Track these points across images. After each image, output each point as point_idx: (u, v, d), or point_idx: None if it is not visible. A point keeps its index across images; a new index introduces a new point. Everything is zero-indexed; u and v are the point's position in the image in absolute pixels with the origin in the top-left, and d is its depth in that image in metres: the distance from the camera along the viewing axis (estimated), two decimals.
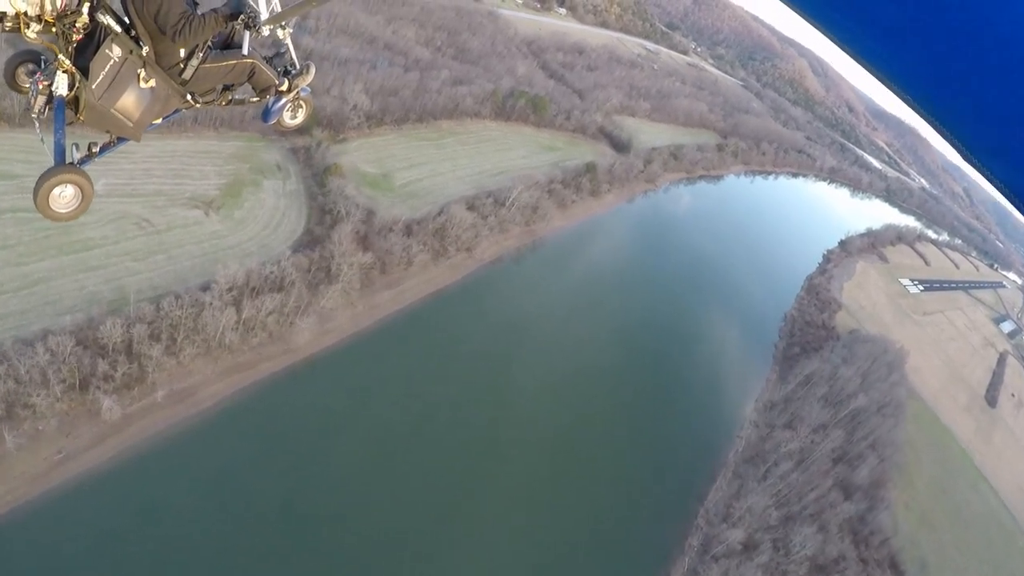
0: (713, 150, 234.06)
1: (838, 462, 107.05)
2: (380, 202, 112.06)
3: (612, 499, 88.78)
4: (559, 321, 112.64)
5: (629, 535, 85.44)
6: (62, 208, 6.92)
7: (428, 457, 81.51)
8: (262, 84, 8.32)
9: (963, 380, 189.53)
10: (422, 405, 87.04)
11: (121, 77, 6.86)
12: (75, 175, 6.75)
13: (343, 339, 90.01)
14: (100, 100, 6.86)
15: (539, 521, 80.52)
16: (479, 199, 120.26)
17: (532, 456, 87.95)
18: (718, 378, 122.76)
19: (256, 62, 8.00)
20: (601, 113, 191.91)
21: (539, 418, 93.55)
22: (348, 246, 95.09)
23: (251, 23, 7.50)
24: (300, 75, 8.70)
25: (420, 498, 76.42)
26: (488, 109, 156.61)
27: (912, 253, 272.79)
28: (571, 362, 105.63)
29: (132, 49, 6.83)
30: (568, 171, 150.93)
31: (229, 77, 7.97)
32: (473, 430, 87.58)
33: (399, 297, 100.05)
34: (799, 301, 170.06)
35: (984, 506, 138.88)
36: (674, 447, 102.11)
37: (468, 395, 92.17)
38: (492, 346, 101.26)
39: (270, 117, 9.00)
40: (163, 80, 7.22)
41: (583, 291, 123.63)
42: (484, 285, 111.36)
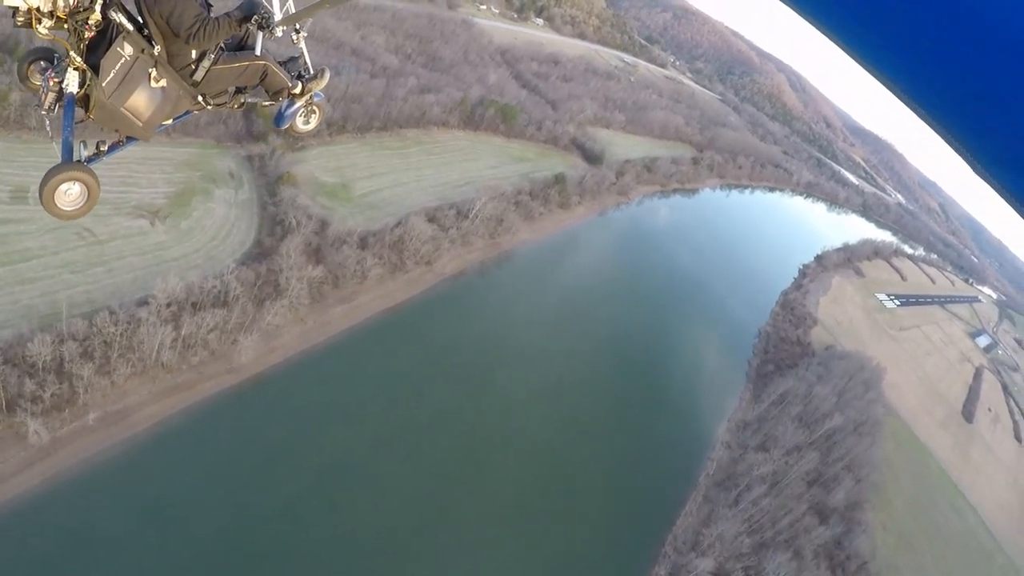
0: (688, 163, 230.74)
1: (813, 484, 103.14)
2: (337, 212, 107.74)
3: (576, 527, 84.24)
4: (523, 338, 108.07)
5: (594, 565, 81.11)
6: (67, 206, 6.77)
7: (383, 485, 76.86)
8: (275, 87, 8.22)
9: (940, 395, 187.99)
10: (374, 427, 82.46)
11: (132, 76, 6.81)
12: (82, 173, 6.62)
13: (290, 357, 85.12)
14: (110, 98, 6.82)
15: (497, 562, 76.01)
16: (441, 211, 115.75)
17: (492, 486, 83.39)
18: (689, 397, 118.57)
19: (269, 64, 7.93)
20: (574, 124, 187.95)
21: (496, 441, 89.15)
22: (297, 259, 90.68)
23: (264, 24, 7.38)
24: (314, 79, 8.54)
25: (379, 532, 71.88)
26: (456, 118, 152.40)
27: (888, 268, 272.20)
28: (535, 382, 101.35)
29: (144, 48, 6.78)
30: (537, 182, 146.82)
31: (241, 79, 7.92)
32: (425, 455, 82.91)
33: (353, 313, 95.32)
34: (774, 317, 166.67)
35: (963, 524, 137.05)
36: (642, 469, 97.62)
37: (424, 416, 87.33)
38: (450, 364, 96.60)
39: (283, 122, 8.77)
40: (174, 80, 7.19)
41: (549, 308, 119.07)
42: (444, 300, 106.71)
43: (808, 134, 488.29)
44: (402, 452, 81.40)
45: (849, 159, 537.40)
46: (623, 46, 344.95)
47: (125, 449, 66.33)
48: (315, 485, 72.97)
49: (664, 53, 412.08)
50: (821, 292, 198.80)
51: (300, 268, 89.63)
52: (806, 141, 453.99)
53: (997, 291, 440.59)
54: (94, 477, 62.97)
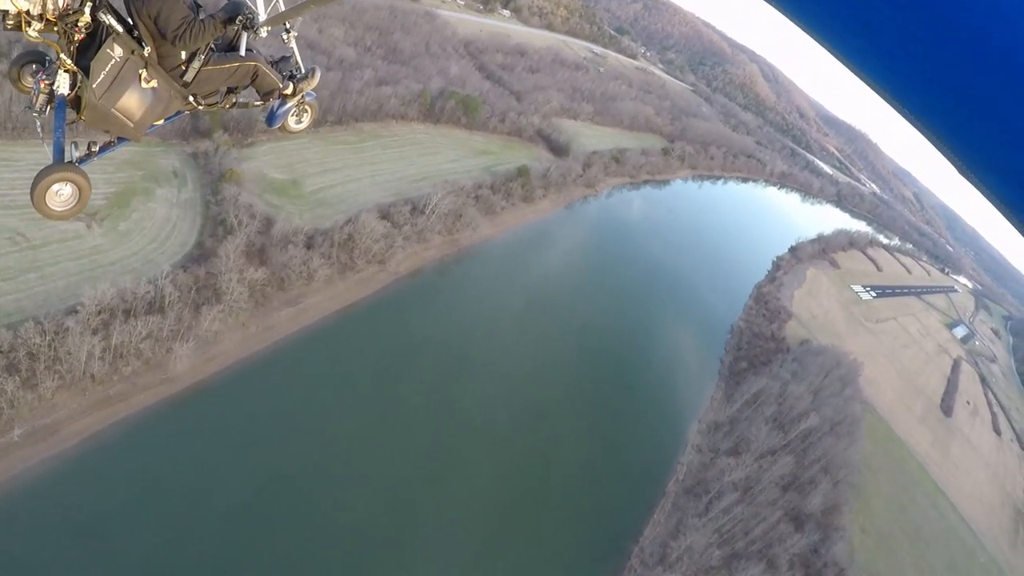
0: (659, 154, 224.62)
1: (788, 489, 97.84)
2: (286, 211, 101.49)
3: (540, 541, 78.78)
4: (485, 339, 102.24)
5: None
6: (59, 206, 6.91)
7: (332, 499, 71.33)
8: (266, 87, 8.21)
9: (918, 389, 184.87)
10: (322, 437, 76.47)
11: (122, 77, 6.84)
12: (73, 174, 6.75)
13: (231, 365, 79.14)
14: (101, 100, 6.85)
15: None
16: (396, 207, 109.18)
17: (453, 503, 77.70)
18: (659, 397, 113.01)
19: (259, 65, 7.88)
20: (539, 115, 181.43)
21: (455, 449, 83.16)
22: (237, 261, 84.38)
23: (249, 24, 7.41)
24: (305, 79, 8.54)
25: (331, 547, 66.71)
26: (415, 111, 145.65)
27: (864, 258, 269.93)
28: (495, 385, 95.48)
29: (134, 49, 6.82)
30: (499, 176, 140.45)
31: (232, 80, 7.90)
32: (377, 469, 76.75)
33: (299, 316, 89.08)
34: (747, 311, 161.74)
35: (944, 522, 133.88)
36: (609, 475, 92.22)
37: (375, 425, 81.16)
38: (404, 368, 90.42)
39: (275, 121, 8.79)
40: (165, 81, 7.21)
41: (511, 306, 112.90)
42: (399, 301, 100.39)
43: (781, 124, 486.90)
44: (351, 464, 75.79)
45: (823, 149, 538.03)
46: (592, 37, 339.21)
47: (54, 465, 62.10)
48: (258, 499, 67.99)
49: (635, 44, 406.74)
50: (796, 285, 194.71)
51: (241, 270, 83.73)
52: (779, 131, 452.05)
53: (973, 280, 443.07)
54: (21, 496, 58.86)
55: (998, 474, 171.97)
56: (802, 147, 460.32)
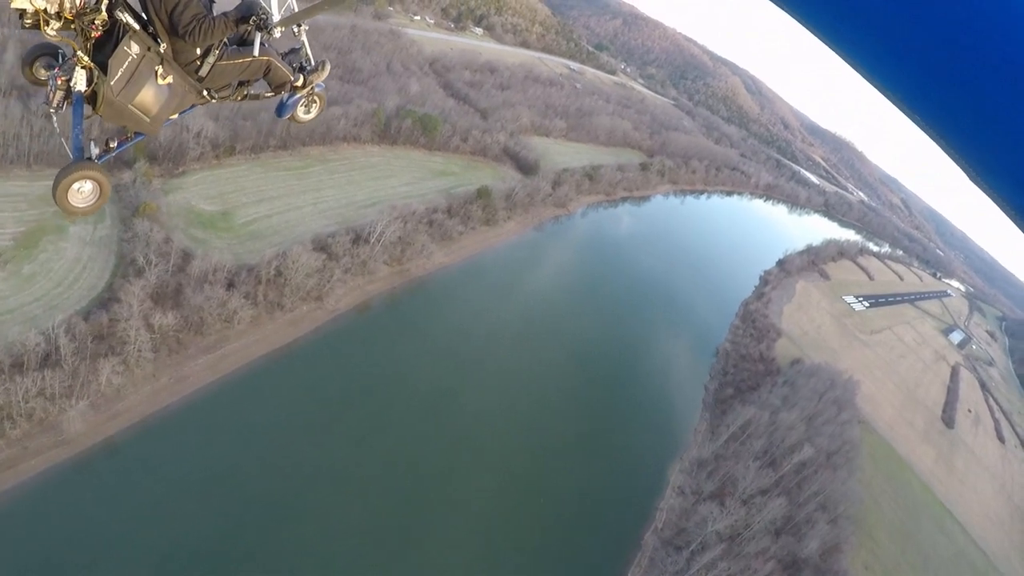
0: (636, 169, 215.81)
1: (781, 533, 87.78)
2: (211, 246, 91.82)
3: None
4: (431, 380, 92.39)
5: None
6: (80, 203, 6.95)
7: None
8: (278, 80, 8.21)
9: (918, 402, 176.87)
10: (235, 504, 66.74)
11: (139, 73, 6.84)
12: (93, 171, 6.81)
13: (136, 423, 69.32)
14: (118, 96, 6.83)
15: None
16: (336, 237, 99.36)
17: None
18: (637, 435, 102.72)
19: (272, 59, 7.85)
20: (506, 133, 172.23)
21: (395, 519, 72.86)
22: (143, 305, 74.94)
23: (263, 25, 7.37)
24: (315, 71, 8.49)
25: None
26: (368, 132, 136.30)
27: (855, 268, 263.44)
28: (444, 435, 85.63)
29: (150, 46, 6.81)
30: (457, 198, 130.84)
31: (245, 74, 7.84)
32: (300, 540, 66.67)
33: (219, 364, 79.00)
34: (733, 331, 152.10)
35: (952, 547, 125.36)
36: (578, 527, 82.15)
37: (301, 489, 71.02)
38: (333, 415, 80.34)
39: (284, 111, 8.73)
40: (180, 77, 7.19)
41: (466, 340, 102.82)
42: (337, 340, 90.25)
43: (766, 136, 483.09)
44: (272, 541, 65.76)
45: (809, 159, 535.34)
46: (570, 53, 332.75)
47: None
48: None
49: (614, 60, 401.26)
50: (785, 300, 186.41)
51: (147, 316, 74.27)
52: (764, 143, 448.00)
53: (965, 283, 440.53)
54: None
55: (1005, 485, 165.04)
56: (788, 158, 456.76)
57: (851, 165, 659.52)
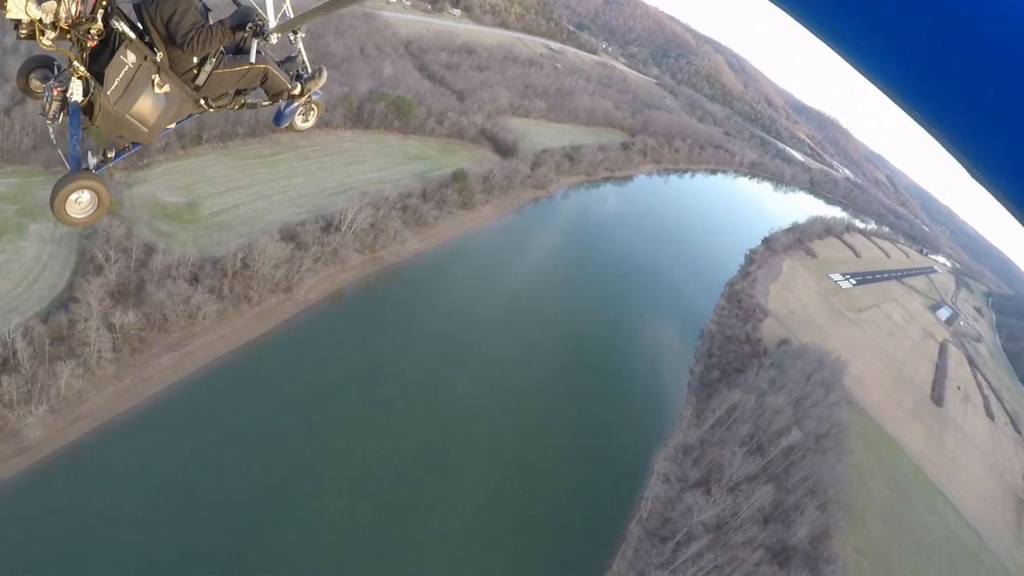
0: (618, 149, 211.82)
1: (769, 521, 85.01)
2: (177, 239, 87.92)
3: None
4: (409, 375, 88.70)
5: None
6: (79, 214, 6.83)
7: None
8: (275, 89, 8.10)
9: (907, 381, 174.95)
10: (204, 509, 63.19)
11: (136, 83, 6.76)
12: (91, 181, 6.70)
13: (98, 427, 65.60)
14: (115, 106, 6.75)
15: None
16: (305, 225, 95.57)
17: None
18: (620, 422, 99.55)
19: (269, 67, 7.78)
20: (483, 114, 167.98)
21: (364, 522, 69.55)
22: (103, 304, 70.93)
23: (259, 31, 7.29)
24: (312, 79, 8.44)
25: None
26: (340, 117, 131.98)
27: (841, 245, 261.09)
28: (429, 425, 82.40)
29: (146, 55, 6.74)
30: (432, 182, 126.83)
31: (242, 82, 7.76)
32: (272, 549, 63.45)
33: (184, 362, 75.15)
34: (718, 312, 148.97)
35: (945, 527, 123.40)
36: (560, 518, 78.95)
37: (269, 493, 67.45)
38: (303, 413, 76.60)
39: (282, 120, 8.70)
40: (177, 85, 7.11)
41: (442, 329, 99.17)
42: (308, 332, 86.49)
43: (750, 114, 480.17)
44: (242, 541, 62.80)
45: (794, 137, 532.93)
46: (550, 33, 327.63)
47: None
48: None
49: (595, 39, 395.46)
50: (771, 278, 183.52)
51: (106, 315, 70.36)
52: (748, 121, 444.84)
53: (951, 259, 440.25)
54: None
55: (996, 463, 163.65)
56: (772, 136, 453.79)
57: (836, 142, 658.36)
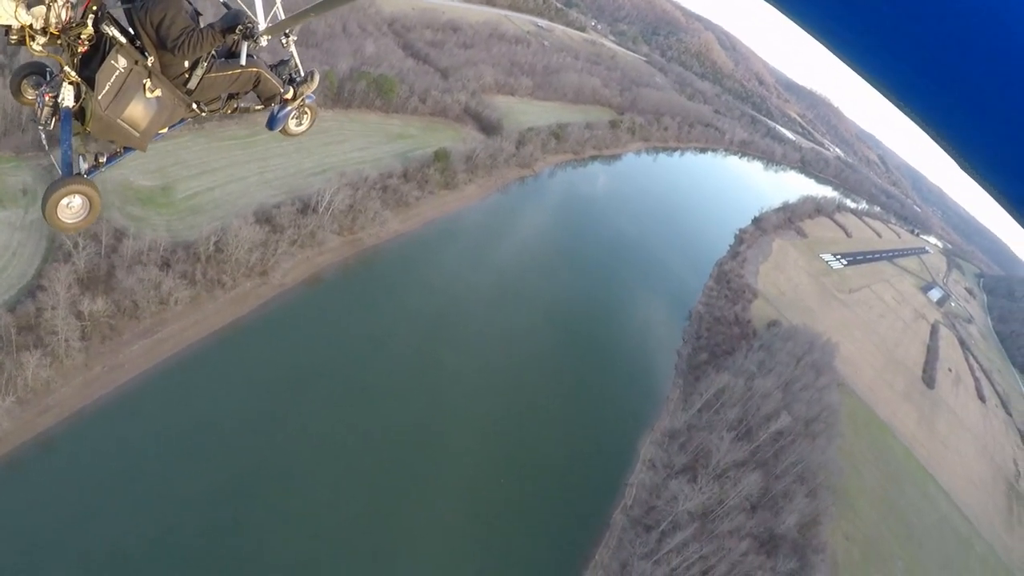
0: (606, 127, 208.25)
1: (757, 509, 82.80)
2: (150, 223, 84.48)
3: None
4: (388, 359, 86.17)
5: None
6: (70, 219, 6.83)
7: None
8: (267, 93, 8.15)
9: (898, 362, 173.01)
10: (172, 502, 60.38)
11: (127, 87, 6.74)
12: (83, 186, 6.70)
13: (67, 417, 63.21)
14: (106, 111, 6.74)
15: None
16: (281, 208, 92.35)
17: None
18: (607, 401, 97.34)
19: (261, 71, 7.81)
20: (467, 92, 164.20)
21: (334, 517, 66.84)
22: (70, 292, 68.06)
23: (249, 33, 7.24)
24: (305, 83, 8.44)
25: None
26: (320, 96, 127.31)
27: (832, 225, 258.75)
28: (394, 421, 79.27)
29: (137, 59, 6.72)
30: (414, 162, 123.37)
31: (234, 86, 7.79)
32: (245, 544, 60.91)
33: (155, 349, 72.24)
34: (707, 293, 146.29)
35: (936, 513, 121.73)
36: (544, 505, 76.71)
37: (242, 487, 64.82)
38: (276, 403, 73.61)
39: (275, 124, 8.58)
40: (169, 90, 7.11)
41: (422, 313, 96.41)
42: (284, 317, 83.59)
43: (740, 92, 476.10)
44: (217, 534, 60.29)
45: (784, 115, 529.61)
46: (537, 10, 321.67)
47: None
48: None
49: (584, 16, 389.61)
50: (761, 258, 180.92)
51: (74, 302, 67.56)
52: (739, 99, 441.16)
53: (943, 239, 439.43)
54: None
55: (987, 446, 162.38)
56: (763, 114, 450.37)
57: (827, 121, 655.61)
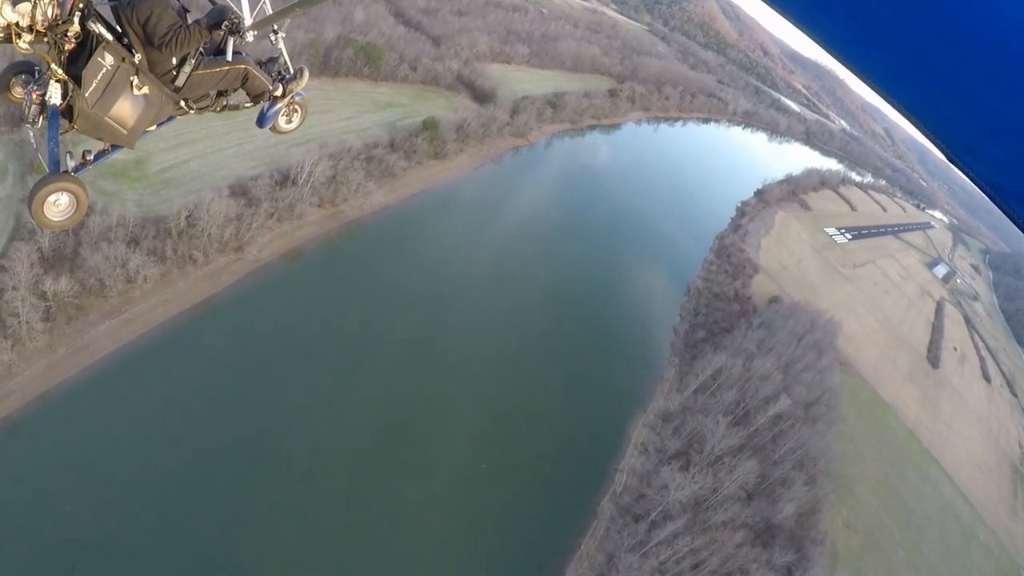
0: (604, 96, 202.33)
1: (753, 498, 78.88)
2: (123, 198, 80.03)
3: None
4: (369, 337, 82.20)
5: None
6: (57, 216, 6.80)
7: None
8: (256, 90, 8.06)
9: (902, 341, 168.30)
10: (138, 492, 56.97)
11: (114, 85, 6.73)
12: (70, 183, 6.68)
13: (30, 401, 59.87)
14: (93, 108, 6.73)
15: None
16: (258, 180, 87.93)
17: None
18: (601, 381, 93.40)
19: (249, 68, 7.72)
20: (460, 60, 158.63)
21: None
22: (33, 271, 64.38)
23: (235, 29, 7.20)
24: (294, 80, 8.36)
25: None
26: (305, 64, 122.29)
27: (837, 198, 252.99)
28: (389, 393, 75.99)
29: (124, 57, 6.70)
30: (402, 131, 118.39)
31: (223, 83, 7.71)
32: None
33: (122, 329, 68.40)
34: (706, 267, 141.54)
35: (938, 500, 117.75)
36: (527, 493, 72.87)
37: (221, 464, 61.59)
38: (259, 383, 70.16)
39: (265, 122, 8.60)
40: (156, 87, 7.09)
41: (410, 288, 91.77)
42: (260, 295, 79.27)
43: (744, 62, 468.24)
44: (184, 523, 56.75)
45: (789, 87, 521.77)
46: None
47: None
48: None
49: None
50: (763, 232, 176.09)
51: (38, 282, 63.94)
52: (743, 69, 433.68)
53: (948, 215, 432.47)
54: None
55: (992, 429, 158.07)
56: (767, 85, 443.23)
57: (833, 93, 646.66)
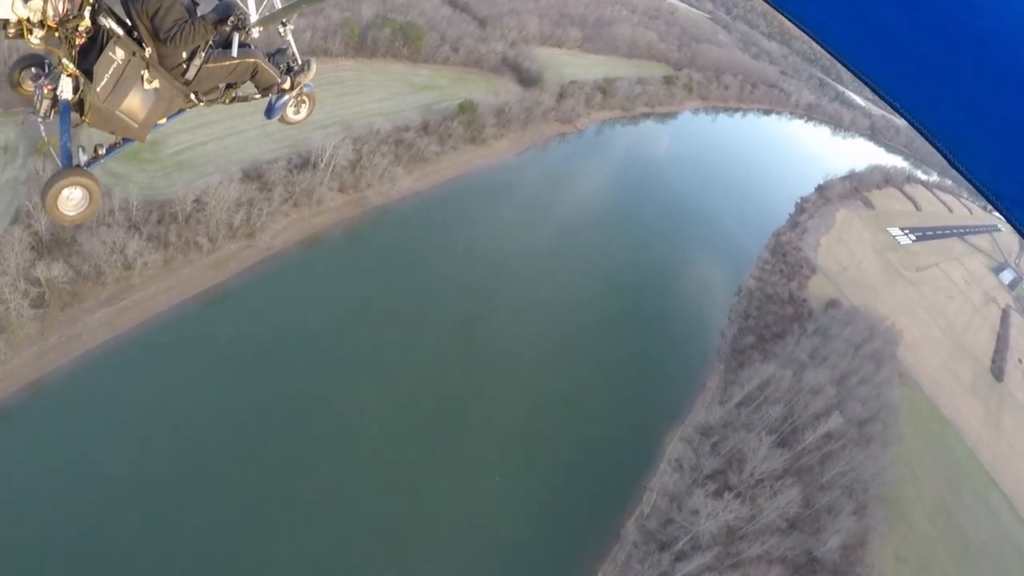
0: (659, 83, 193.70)
1: (794, 529, 71.67)
2: (133, 180, 76.98)
3: None
4: (380, 337, 77.23)
5: None
6: (70, 210, 6.86)
7: None
8: (265, 82, 8.21)
9: (965, 350, 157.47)
10: (128, 491, 54.00)
11: (125, 79, 6.77)
12: (82, 177, 6.73)
13: (16, 391, 57.46)
14: (105, 102, 6.78)
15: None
16: (275, 163, 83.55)
17: None
18: (634, 391, 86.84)
19: (258, 61, 7.86)
20: (506, 42, 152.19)
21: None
22: (22, 257, 61.53)
23: (240, 25, 7.29)
24: (302, 72, 8.55)
25: None
26: (340, 45, 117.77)
27: (901, 197, 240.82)
28: (384, 398, 71.06)
29: (135, 51, 6.76)
30: (437, 115, 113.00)
31: (232, 76, 7.86)
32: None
33: (119, 318, 65.38)
34: (760, 266, 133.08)
35: (996, 527, 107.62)
36: (552, 509, 67.51)
37: (203, 469, 58.05)
38: (247, 382, 65.89)
39: (273, 113, 8.73)
40: (167, 81, 7.14)
41: (438, 279, 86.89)
42: (271, 285, 75.20)
43: (809, 54, 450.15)
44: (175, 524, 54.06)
45: (855, 80, 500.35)
46: None
47: None
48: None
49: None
50: (823, 230, 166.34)
51: (28, 268, 61.50)
52: (807, 61, 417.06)
53: None
54: None
55: None
56: (832, 78, 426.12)
57: None
